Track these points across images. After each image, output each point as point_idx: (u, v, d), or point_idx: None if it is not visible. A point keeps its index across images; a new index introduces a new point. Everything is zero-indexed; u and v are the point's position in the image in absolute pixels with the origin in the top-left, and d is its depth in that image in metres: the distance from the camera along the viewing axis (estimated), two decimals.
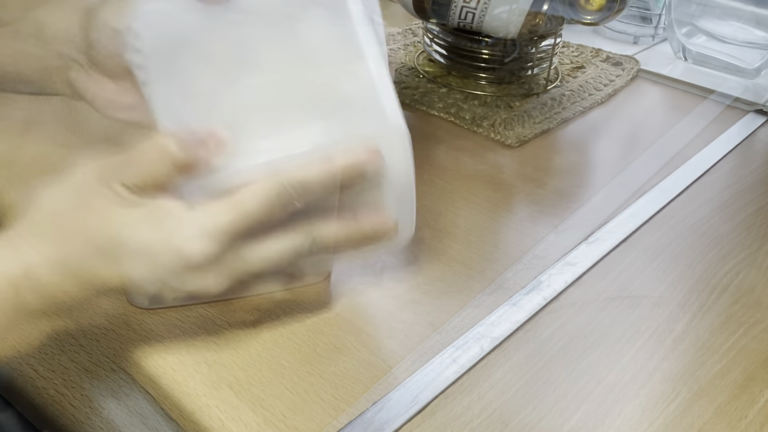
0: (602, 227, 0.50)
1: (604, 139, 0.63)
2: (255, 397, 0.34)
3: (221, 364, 0.36)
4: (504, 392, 0.36)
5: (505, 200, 0.53)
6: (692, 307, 0.43)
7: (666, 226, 0.51)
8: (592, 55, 0.81)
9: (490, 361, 0.38)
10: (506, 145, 0.60)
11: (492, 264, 0.45)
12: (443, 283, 0.43)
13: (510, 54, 0.68)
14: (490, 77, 0.70)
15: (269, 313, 0.40)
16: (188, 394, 0.34)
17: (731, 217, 0.52)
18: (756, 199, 0.55)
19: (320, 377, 0.36)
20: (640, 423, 0.35)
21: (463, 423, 0.34)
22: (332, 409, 0.34)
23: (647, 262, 0.46)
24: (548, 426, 0.34)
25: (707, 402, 0.36)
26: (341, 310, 0.40)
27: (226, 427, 0.33)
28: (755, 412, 0.36)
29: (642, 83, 0.76)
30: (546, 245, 0.47)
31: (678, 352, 0.39)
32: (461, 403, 0.35)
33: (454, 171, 0.56)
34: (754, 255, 0.48)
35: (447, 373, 0.37)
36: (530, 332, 0.40)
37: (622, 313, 0.42)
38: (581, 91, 0.71)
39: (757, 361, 0.39)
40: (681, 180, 0.57)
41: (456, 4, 0.63)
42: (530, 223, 0.50)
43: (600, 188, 0.55)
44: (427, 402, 0.35)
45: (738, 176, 0.58)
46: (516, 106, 0.67)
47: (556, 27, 0.68)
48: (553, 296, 0.43)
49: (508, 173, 0.56)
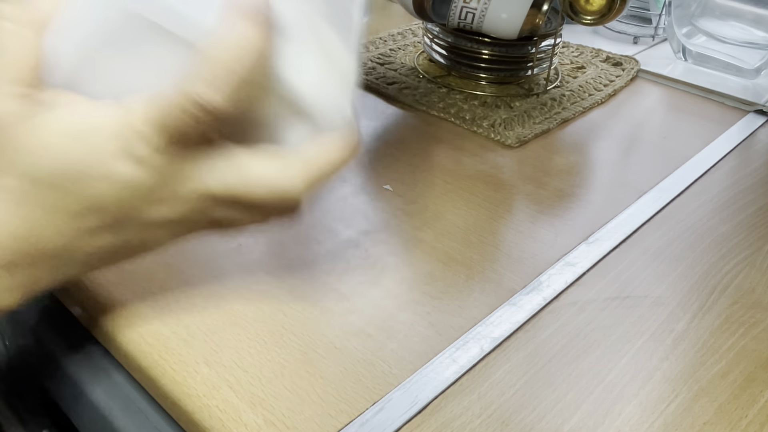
0: (602, 227, 0.50)
1: (604, 139, 0.63)
2: (255, 397, 0.34)
3: (221, 364, 0.36)
4: (504, 392, 0.36)
5: (505, 200, 0.53)
6: (692, 307, 0.43)
7: (666, 226, 0.51)
8: (592, 55, 0.81)
9: (490, 361, 0.38)
10: (506, 145, 0.60)
11: (492, 264, 0.45)
12: (443, 283, 0.43)
13: (510, 54, 0.69)
14: (490, 77, 0.70)
15: (269, 312, 0.40)
16: (188, 394, 0.34)
17: (731, 217, 0.52)
18: (756, 200, 0.55)
19: (320, 377, 0.36)
20: (641, 423, 0.35)
21: (463, 423, 0.34)
22: (332, 409, 0.34)
23: (647, 262, 0.47)
24: (548, 426, 0.34)
25: (707, 402, 0.36)
26: (341, 310, 0.40)
27: (226, 427, 0.33)
28: (755, 412, 0.36)
29: (642, 83, 0.76)
30: (546, 245, 0.47)
31: (678, 352, 0.39)
32: (461, 404, 0.35)
33: (454, 171, 0.56)
34: (755, 255, 0.48)
35: (447, 373, 0.37)
36: (530, 332, 0.40)
37: (622, 313, 0.42)
38: (581, 91, 0.71)
39: (757, 362, 0.39)
40: (681, 180, 0.57)
41: (456, 4, 0.63)
42: (530, 223, 0.50)
43: (600, 188, 0.55)
44: (427, 402, 0.35)
45: (738, 176, 0.58)
46: (516, 106, 0.67)
47: (556, 27, 0.68)
48: (553, 296, 0.43)
49: (508, 173, 0.56)
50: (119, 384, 0.38)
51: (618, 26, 0.87)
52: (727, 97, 0.72)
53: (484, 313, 0.41)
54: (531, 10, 0.62)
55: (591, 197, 0.54)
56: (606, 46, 0.83)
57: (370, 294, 0.42)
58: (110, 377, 0.38)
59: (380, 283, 0.43)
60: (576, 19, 0.63)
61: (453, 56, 0.71)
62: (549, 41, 0.69)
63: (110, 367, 0.38)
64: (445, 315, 0.41)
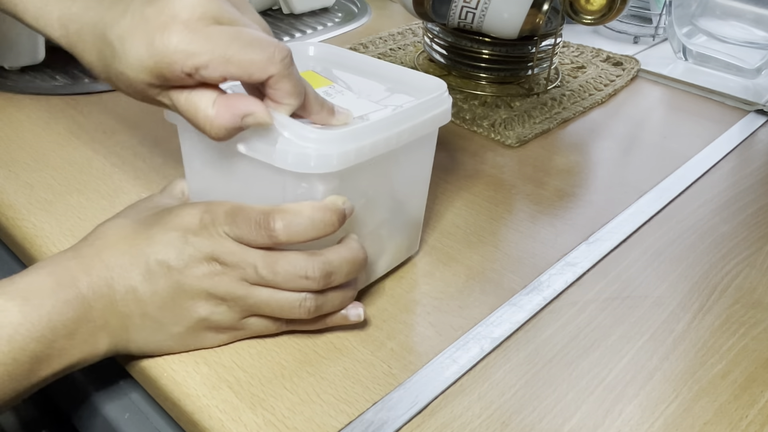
0: (602, 227, 0.50)
1: (604, 139, 0.63)
2: (255, 397, 0.34)
3: (221, 364, 0.36)
4: (504, 392, 0.36)
5: (505, 200, 0.52)
6: (692, 307, 0.43)
7: (666, 226, 0.51)
8: (592, 55, 0.81)
9: (490, 362, 0.38)
10: (506, 145, 0.60)
11: (492, 264, 0.45)
12: (443, 283, 0.43)
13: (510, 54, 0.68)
14: (490, 77, 0.70)
15: None
16: (188, 394, 0.34)
17: (732, 217, 0.52)
18: (756, 200, 0.55)
19: (320, 377, 0.36)
20: (641, 423, 0.35)
21: (463, 423, 0.34)
22: (332, 409, 0.34)
23: (647, 263, 0.46)
24: (548, 426, 0.34)
25: (708, 402, 0.36)
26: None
27: (226, 427, 0.33)
28: (756, 413, 0.36)
29: (642, 83, 0.76)
30: (546, 245, 0.47)
31: (678, 353, 0.39)
32: (461, 404, 0.35)
33: (454, 171, 0.56)
34: (755, 255, 0.48)
35: (447, 374, 0.37)
36: (530, 332, 0.40)
37: (623, 313, 0.42)
38: (581, 91, 0.71)
39: (757, 362, 0.39)
40: (681, 180, 0.57)
41: (456, 4, 0.63)
42: (530, 223, 0.50)
43: (600, 188, 0.55)
44: (427, 402, 0.35)
45: (738, 176, 0.58)
46: (516, 106, 0.67)
47: (556, 27, 0.68)
48: (553, 296, 0.43)
49: (508, 173, 0.56)
50: (119, 384, 0.38)
51: (618, 26, 0.86)
52: (727, 97, 0.72)
53: (484, 313, 0.41)
54: (531, 9, 0.62)
55: (591, 197, 0.54)
56: (606, 46, 0.83)
57: (369, 294, 0.42)
58: (110, 378, 0.38)
59: (380, 283, 0.43)
60: (576, 18, 0.63)
61: (453, 56, 0.71)
62: (549, 41, 0.69)
63: (110, 368, 0.38)
64: (445, 315, 0.41)
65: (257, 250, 0.34)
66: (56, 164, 0.53)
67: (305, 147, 0.33)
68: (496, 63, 0.69)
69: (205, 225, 0.34)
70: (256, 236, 0.34)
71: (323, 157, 0.33)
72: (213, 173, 0.38)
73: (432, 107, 0.39)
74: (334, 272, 0.35)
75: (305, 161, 0.33)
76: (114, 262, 0.34)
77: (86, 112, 0.61)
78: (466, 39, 0.69)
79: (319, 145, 0.33)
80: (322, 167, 0.34)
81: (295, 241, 0.34)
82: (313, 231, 0.34)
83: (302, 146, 0.33)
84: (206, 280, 0.34)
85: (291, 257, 0.34)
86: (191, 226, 0.35)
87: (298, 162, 0.33)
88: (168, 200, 0.40)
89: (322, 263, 0.34)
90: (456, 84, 0.70)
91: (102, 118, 0.60)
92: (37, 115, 0.60)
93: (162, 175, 0.52)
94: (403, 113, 0.37)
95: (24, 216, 0.46)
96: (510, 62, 0.69)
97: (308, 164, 0.33)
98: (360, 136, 0.35)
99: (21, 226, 0.46)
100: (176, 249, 0.34)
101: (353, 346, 0.38)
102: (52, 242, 0.44)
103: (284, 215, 0.34)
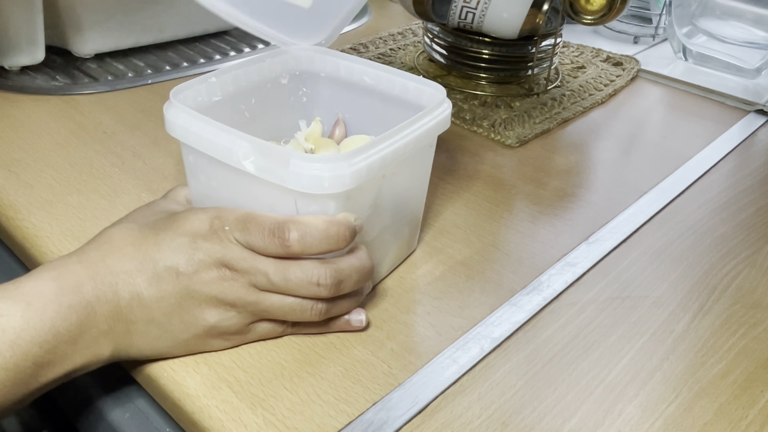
0: (602, 227, 0.50)
1: (605, 139, 0.63)
2: (255, 397, 0.34)
3: (221, 364, 0.36)
4: (504, 393, 0.36)
5: (505, 200, 0.52)
6: (692, 307, 0.43)
7: (666, 226, 0.51)
8: (592, 55, 0.81)
9: (490, 362, 0.38)
10: (506, 145, 0.60)
11: (492, 264, 0.45)
12: (443, 283, 0.43)
13: (510, 54, 0.68)
14: (490, 77, 0.70)
15: None
16: (188, 394, 0.34)
17: (732, 217, 0.52)
18: (756, 200, 0.55)
19: (320, 377, 0.36)
20: (641, 423, 0.35)
21: (463, 423, 0.34)
22: (332, 409, 0.34)
23: (647, 263, 0.46)
24: (548, 426, 0.34)
25: (708, 402, 0.36)
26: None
27: (226, 427, 0.33)
28: (756, 413, 0.36)
29: (642, 83, 0.76)
30: (546, 245, 0.47)
31: (678, 353, 0.39)
32: (461, 404, 0.35)
33: (454, 171, 0.56)
34: (755, 255, 0.48)
35: (447, 374, 0.37)
36: (530, 332, 0.40)
37: (623, 314, 0.42)
38: (581, 91, 0.71)
39: (757, 362, 0.39)
40: (681, 180, 0.57)
41: (456, 4, 0.63)
42: (530, 223, 0.50)
43: (600, 188, 0.55)
44: (427, 402, 0.35)
45: (738, 176, 0.58)
46: (516, 106, 0.67)
47: (556, 27, 0.68)
48: (553, 296, 0.43)
49: (508, 173, 0.56)
50: (119, 384, 0.38)
51: (618, 26, 0.86)
52: (727, 97, 0.72)
53: (484, 314, 0.41)
54: (531, 9, 0.62)
55: (591, 197, 0.54)
56: (606, 46, 0.83)
57: (370, 294, 0.42)
58: (110, 378, 0.38)
59: (380, 284, 0.43)
60: (576, 18, 0.63)
61: (453, 56, 0.71)
62: (549, 41, 0.69)
63: (110, 368, 0.37)
64: (445, 315, 0.41)
65: (268, 257, 0.34)
66: (56, 164, 0.53)
67: (318, 168, 0.34)
68: (496, 63, 0.69)
69: (216, 230, 0.34)
70: (268, 244, 0.34)
71: (337, 178, 0.34)
72: (219, 186, 0.38)
73: (435, 116, 0.40)
74: (344, 280, 0.35)
75: (319, 183, 0.34)
76: (119, 268, 0.34)
77: (86, 112, 0.61)
78: (466, 39, 0.69)
79: (332, 164, 0.34)
80: (336, 187, 0.34)
81: (308, 252, 0.34)
82: (326, 244, 0.34)
83: (315, 168, 0.34)
84: (216, 286, 0.34)
85: (303, 264, 0.34)
86: (201, 231, 0.35)
87: (312, 184, 0.34)
88: (173, 206, 0.40)
89: (335, 271, 0.35)
90: (456, 84, 0.70)
91: (102, 118, 0.60)
92: (37, 115, 0.60)
93: (162, 175, 0.52)
94: (408, 125, 0.38)
95: (24, 216, 0.46)
96: (510, 62, 0.69)
97: (322, 185, 0.34)
98: (369, 153, 0.35)
99: (21, 226, 0.46)
100: (186, 254, 0.34)
101: (353, 346, 0.38)
102: (52, 242, 0.44)
103: (299, 226, 0.34)
